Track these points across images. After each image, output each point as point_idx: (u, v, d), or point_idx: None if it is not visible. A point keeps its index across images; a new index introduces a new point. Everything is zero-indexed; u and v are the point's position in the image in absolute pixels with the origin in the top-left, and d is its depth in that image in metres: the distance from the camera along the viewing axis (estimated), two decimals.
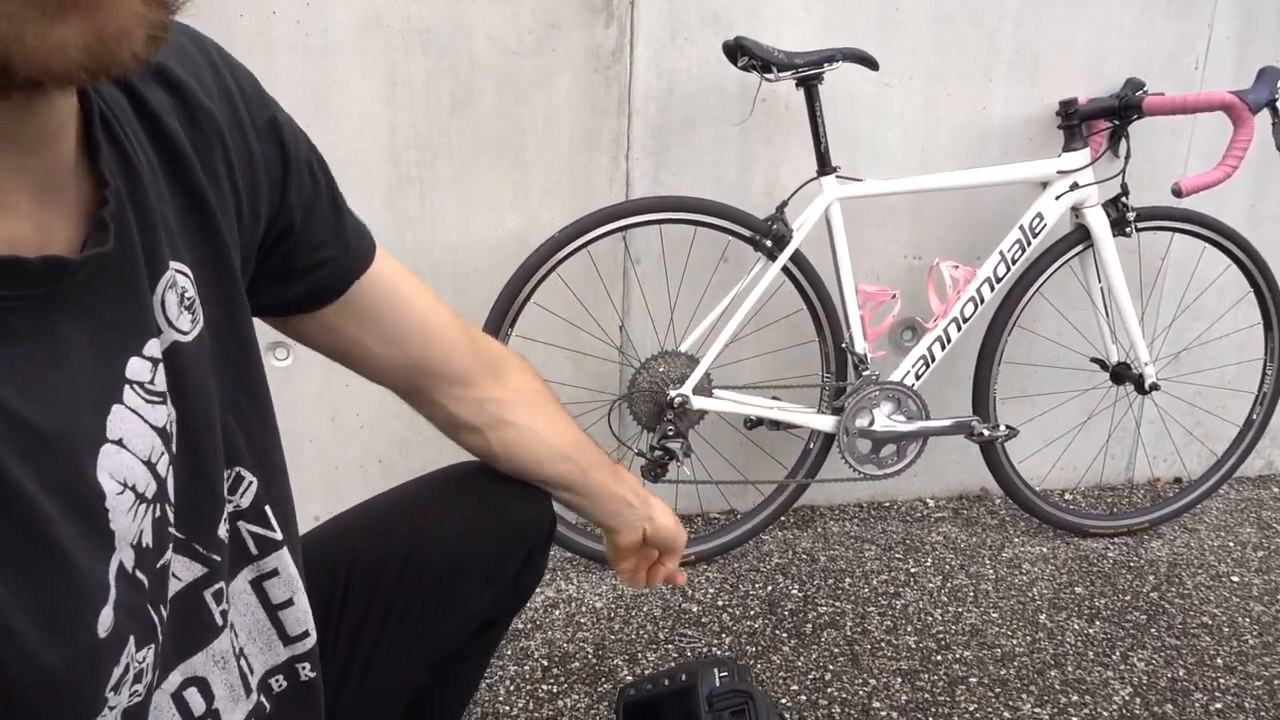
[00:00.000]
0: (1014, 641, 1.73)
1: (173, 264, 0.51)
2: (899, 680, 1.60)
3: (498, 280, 1.76)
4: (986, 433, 1.94)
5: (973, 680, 1.61)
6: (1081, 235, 1.95)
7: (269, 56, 1.68)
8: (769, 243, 1.79)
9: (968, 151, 2.06)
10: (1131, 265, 2.18)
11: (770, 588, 1.88)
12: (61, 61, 0.35)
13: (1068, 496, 2.37)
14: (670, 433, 1.77)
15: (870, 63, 1.78)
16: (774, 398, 1.93)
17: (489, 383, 0.84)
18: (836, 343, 1.89)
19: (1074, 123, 1.91)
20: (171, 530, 0.51)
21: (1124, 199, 1.93)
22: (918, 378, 1.93)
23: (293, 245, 0.65)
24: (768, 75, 1.73)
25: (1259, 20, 2.15)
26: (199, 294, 0.54)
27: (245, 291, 0.60)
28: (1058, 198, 1.90)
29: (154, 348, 0.49)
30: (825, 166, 1.80)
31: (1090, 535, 2.13)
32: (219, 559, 0.55)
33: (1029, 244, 1.91)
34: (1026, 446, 2.30)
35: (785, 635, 1.72)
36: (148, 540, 0.48)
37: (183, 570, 0.53)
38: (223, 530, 0.56)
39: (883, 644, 1.70)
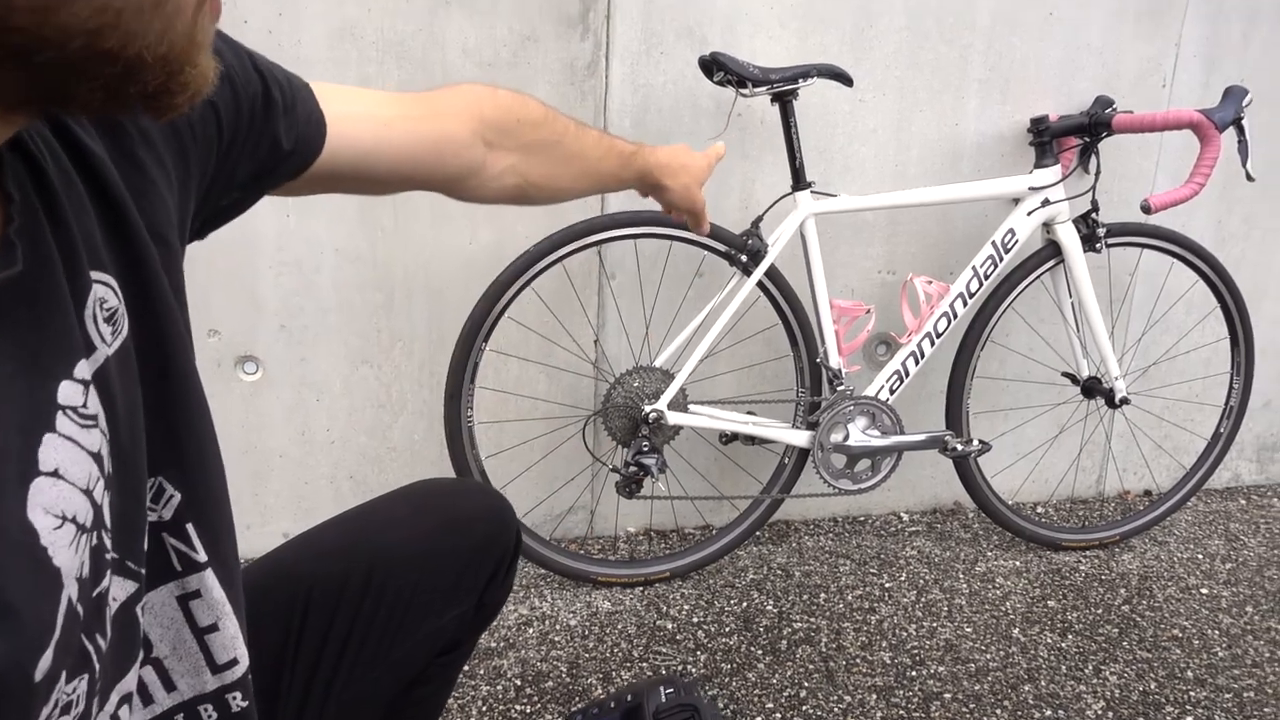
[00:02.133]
0: (988, 656, 1.73)
1: (94, 275, 0.49)
2: (874, 697, 1.59)
3: (472, 294, 1.75)
4: (960, 447, 1.95)
5: (947, 696, 1.61)
6: (1053, 251, 1.96)
7: None
8: (744, 258, 1.79)
9: (941, 167, 2.08)
10: (1102, 280, 2.21)
11: (745, 604, 1.87)
12: (207, 88, 0.42)
13: (1040, 510, 2.39)
14: (645, 448, 1.76)
15: (845, 79, 1.79)
16: (749, 412, 1.93)
17: (498, 155, 0.85)
18: (811, 358, 1.89)
19: (1045, 140, 1.93)
20: (108, 555, 0.49)
21: (1094, 215, 1.95)
22: (892, 392, 1.93)
23: (246, 173, 0.65)
24: (743, 91, 1.73)
25: (1224, 39, 2.19)
26: (123, 302, 0.52)
27: (218, 208, 0.61)
28: (1029, 214, 1.92)
29: (84, 369, 0.47)
30: (800, 182, 1.81)
31: (1062, 548, 2.14)
32: (144, 572, 0.54)
33: (1001, 259, 1.93)
34: (999, 460, 2.31)
35: (760, 652, 1.71)
36: (87, 570, 0.46)
37: (119, 590, 0.51)
38: (145, 543, 0.54)
39: (858, 660, 1.70)
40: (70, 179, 0.49)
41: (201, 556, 0.58)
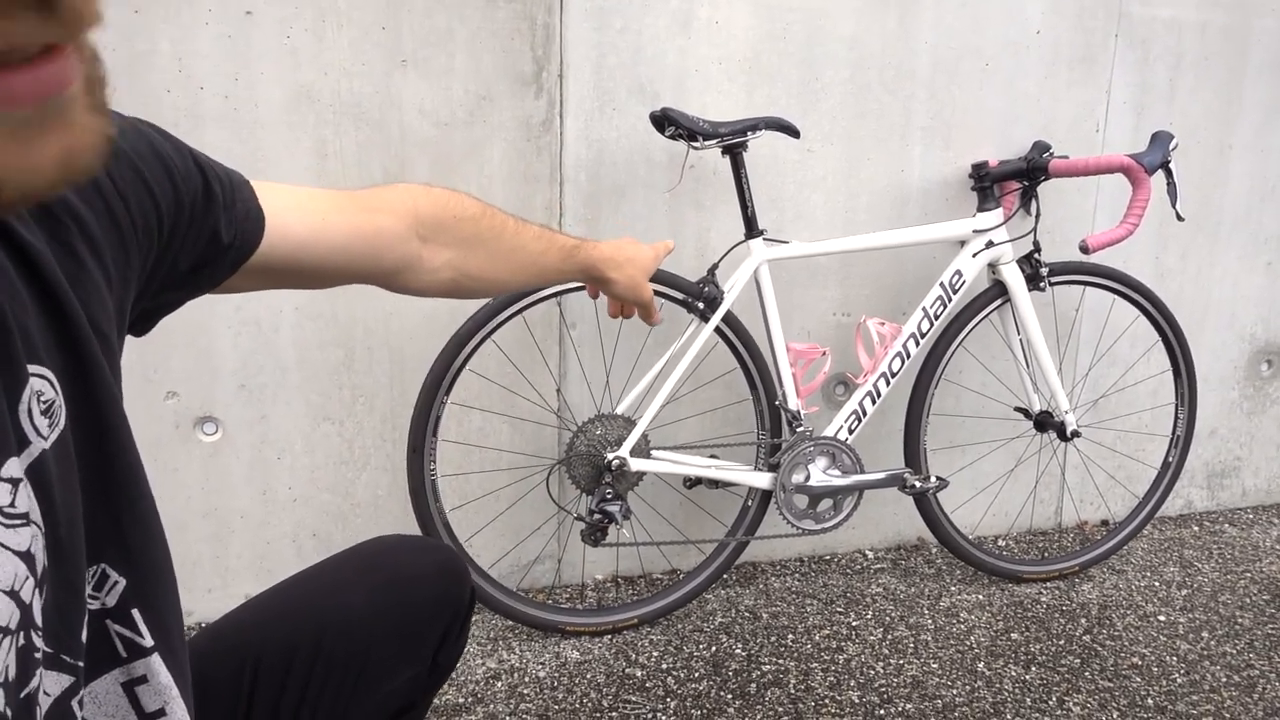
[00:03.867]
0: (954, 691, 1.75)
1: (30, 369, 0.48)
2: None
3: (433, 348, 1.77)
4: (918, 484, 1.98)
5: None
6: (999, 290, 2.03)
7: (197, 131, 1.68)
8: (701, 305, 1.83)
9: (889, 212, 2.14)
10: (1048, 317, 2.28)
11: (714, 648, 1.88)
12: (38, 181, 0.35)
13: (1001, 543, 2.43)
14: (609, 495, 1.77)
15: (792, 131, 1.86)
16: (712, 456, 1.95)
17: (434, 250, 0.86)
18: (770, 400, 1.92)
19: (986, 184, 2.00)
20: (38, 654, 0.48)
21: (1037, 255, 2.03)
22: (850, 432, 1.97)
23: (186, 265, 0.65)
24: (694, 144, 1.78)
25: (1152, 86, 2.30)
26: (61, 393, 0.51)
27: (156, 293, 0.61)
28: (974, 255, 1.99)
29: (14, 467, 0.46)
30: (753, 230, 1.86)
31: (1024, 580, 2.18)
32: (82, 664, 0.52)
33: (950, 300, 1.99)
34: (959, 495, 2.35)
35: (730, 696, 1.71)
36: (12, 673, 0.45)
37: (52, 685, 0.50)
38: (84, 634, 0.53)
39: (826, 700, 1.71)
40: (4, 271, 0.48)
41: (148, 641, 0.57)
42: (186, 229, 0.64)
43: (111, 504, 0.55)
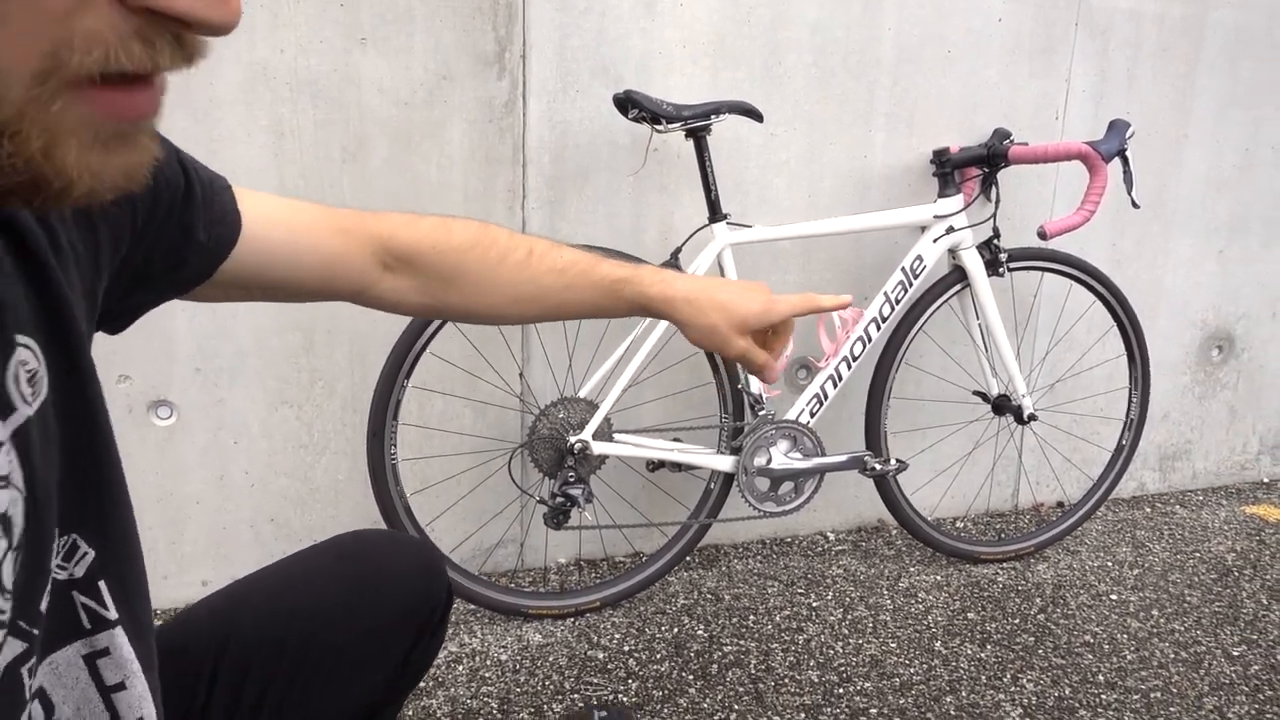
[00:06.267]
0: (911, 670, 1.78)
1: (18, 338, 0.50)
2: (802, 716, 1.62)
3: (395, 331, 1.75)
4: (878, 467, 2.01)
5: (873, 711, 1.65)
6: (959, 276, 2.05)
7: None
8: None
9: (851, 197, 2.16)
10: (1007, 302, 2.31)
11: (676, 630, 1.89)
12: (104, 189, 0.40)
13: (959, 524, 2.47)
14: (571, 479, 1.77)
15: (755, 115, 1.86)
16: (675, 439, 1.96)
17: (397, 279, 0.83)
18: (733, 384, 1.93)
19: (947, 170, 2.02)
20: (3, 617, 0.49)
21: (996, 241, 2.05)
22: (812, 415, 1.98)
23: (159, 263, 0.65)
24: (657, 127, 1.78)
25: (1110, 75, 2.33)
26: (44, 364, 0.52)
27: (124, 293, 0.61)
28: (935, 240, 2.00)
29: (21, 411, 0.48)
30: (716, 214, 1.86)
31: (981, 561, 2.22)
32: (37, 633, 0.53)
33: (911, 285, 2.01)
34: (918, 478, 2.38)
35: (691, 677, 1.72)
36: None
37: (7, 651, 0.50)
38: (44, 603, 0.53)
39: (786, 680, 1.73)
40: None
41: (112, 614, 0.57)
42: (162, 223, 0.64)
43: (86, 476, 0.56)
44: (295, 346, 1.84)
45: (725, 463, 1.92)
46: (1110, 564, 2.26)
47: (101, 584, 0.57)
